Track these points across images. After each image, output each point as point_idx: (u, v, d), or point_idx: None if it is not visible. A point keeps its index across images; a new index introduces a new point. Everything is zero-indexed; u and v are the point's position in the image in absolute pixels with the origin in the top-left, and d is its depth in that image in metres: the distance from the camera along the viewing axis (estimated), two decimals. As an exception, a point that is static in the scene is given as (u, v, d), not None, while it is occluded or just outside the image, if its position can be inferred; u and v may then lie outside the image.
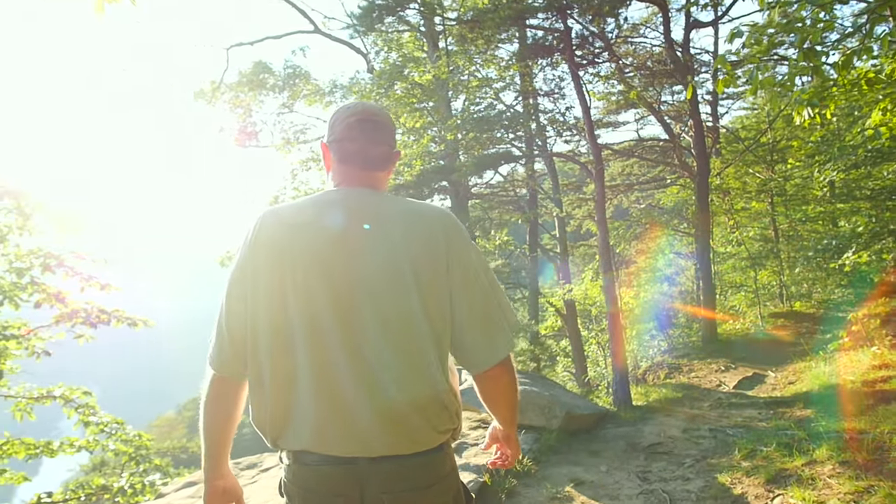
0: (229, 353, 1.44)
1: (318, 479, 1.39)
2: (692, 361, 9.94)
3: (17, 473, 7.06)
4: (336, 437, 1.36)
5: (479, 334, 1.44)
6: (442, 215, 1.46)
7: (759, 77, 3.24)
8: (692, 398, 7.27)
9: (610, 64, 10.07)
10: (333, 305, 1.35)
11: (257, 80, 12.18)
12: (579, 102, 6.74)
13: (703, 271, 11.57)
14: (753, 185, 15.32)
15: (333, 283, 1.36)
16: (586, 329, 15.32)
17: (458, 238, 1.44)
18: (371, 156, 1.51)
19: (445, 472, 1.46)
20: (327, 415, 1.36)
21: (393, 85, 9.78)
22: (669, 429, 5.84)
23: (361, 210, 1.42)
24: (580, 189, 18.31)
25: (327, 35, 12.54)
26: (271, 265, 1.39)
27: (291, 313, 1.37)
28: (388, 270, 1.36)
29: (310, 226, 1.41)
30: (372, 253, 1.37)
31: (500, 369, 1.47)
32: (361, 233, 1.39)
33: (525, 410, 5.66)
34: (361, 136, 1.49)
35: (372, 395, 1.35)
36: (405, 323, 1.36)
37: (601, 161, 6.70)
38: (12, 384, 6.86)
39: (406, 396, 1.36)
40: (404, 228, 1.40)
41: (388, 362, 1.36)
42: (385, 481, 1.37)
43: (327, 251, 1.38)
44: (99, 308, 6.87)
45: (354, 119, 1.50)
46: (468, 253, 1.45)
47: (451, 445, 1.52)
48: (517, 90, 12.31)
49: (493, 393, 1.54)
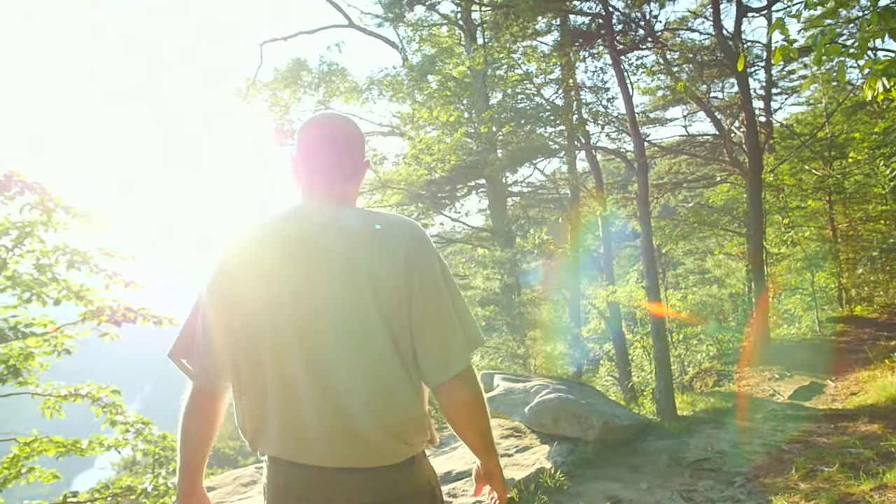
0: (208, 365, 1.47)
1: (286, 482, 1.42)
2: (743, 368, 9.36)
3: (46, 471, 7.01)
4: (299, 449, 1.39)
5: (432, 345, 1.40)
6: (403, 225, 1.45)
7: (823, 47, 2.80)
8: (743, 409, 6.74)
9: (655, 54, 9.57)
10: (296, 321, 1.37)
11: (293, 77, 12.05)
12: (621, 91, 6.31)
13: (756, 273, 10.93)
14: (809, 182, 14.54)
15: (296, 298, 1.38)
16: (630, 332, 14.80)
17: (417, 247, 1.41)
18: (336, 169, 1.50)
19: (420, 483, 1.46)
20: (290, 427, 1.39)
21: (426, 78, 9.48)
22: (718, 442, 5.37)
23: (324, 224, 1.43)
24: (625, 188, 17.78)
25: (361, 29, 12.31)
26: (242, 278, 1.42)
27: (259, 326, 1.40)
28: (346, 285, 1.36)
29: (275, 240, 1.43)
30: (332, 267, 1.38)
31: (455, 383, 1.41)
32: (323, 247, 1.39)
33: (559, 420, 5.29)
34: (327, 150, 1.50)
35: (334, 414, 1.36)
36: (366, 337, 1.36)
37: (644, 154, 6.25)
38: (40, 382, 6.82)
39: (373, 421, 1.36)
40: (365, 241, 1.39)
41: (351, 382, 1.36)
42: (355, 492, 1.38)
43: (290, 265, 1.39)
44: (125, 306, 6.80)
45: (321, 133, 1.51)
46: (428, 262, 1.42)
47: (426, 454, 1.52)
48: (557, 84, 11.89)
49: (452, 412, 1.45)
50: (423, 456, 1.50)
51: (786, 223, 14.98)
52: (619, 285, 13.60)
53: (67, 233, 6.45)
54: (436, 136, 10.07)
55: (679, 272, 23.51)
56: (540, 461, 4.99)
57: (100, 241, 6.73)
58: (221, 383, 1.48)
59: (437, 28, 12.38)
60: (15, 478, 6.65)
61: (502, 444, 5.77)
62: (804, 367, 8.71)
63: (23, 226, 6.03)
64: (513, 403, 5.77)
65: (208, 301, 1.46)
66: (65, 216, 6.11)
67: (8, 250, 6.10)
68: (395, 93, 10.29)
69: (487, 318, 9.88)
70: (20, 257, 6.24)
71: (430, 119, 9.76)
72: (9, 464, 6.62)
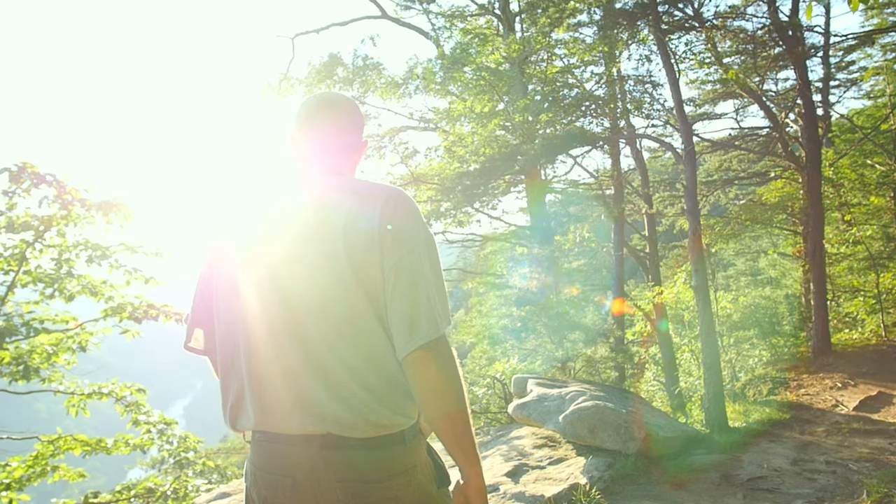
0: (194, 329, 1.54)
1: (268, 458, 1.39)
2: (801, 375, 8.67)
3: (72, 469, 6.94)
4: (275, 417, 1.37)
5: (400, 309, 1.34)
6: (385, 192, 1.42)
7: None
8: (802, 420, 6.15)
9: (703, 40, 8.97)
10: (268, 281, 1.38)
11: (327, 72, 11.81)
12: (667, 74, 5.81)
13: (815, 273, 10.18)
14: (872, 177, 13.62)
15: (270, 260, 1.39)
16: (678, 335, 14.15)
17: (393, 208, 1.38)
18: (327, 143, 1.53)
19: (408, 465, 1.37)
20: (266, 394, 1.37)
21: (460, 67, 9.07)
22: (774, 458, 4.84)
23: (309, 194, 1.43)
24: (673, 186, 17.11)
25: (395, 20, 12.01)
26: (224, 248, 1.48)
27: (233, 291, 1.43)
28: (319, 245, 1.36)
29: (260, 212, 1.46)
30: (306, 229, 1.38)
31: (422, 355, 1.32)
32: (301, 212, 1.40)
33: (596, 430, 4.83)
34: (321, 128, 1.53)
35: (310, 374, 1.34)
36: (340, 296, 1.34)
37: (692, 142, 5.73)
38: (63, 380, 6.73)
39: (352, 380, 1.33)
40: (343, 204, 1.39)
41: (327, 341, 1.34)
42: (339, 469, 1.32)
43: (269, 233, 1.42)
44: (148, 303, 6.68)
45: (315, 111, 1.54)
46: (405, 224, 1.38)
47: (420, 438, 1.43)
48: (600, 77, 11.36)
49: (418, 391, 1.34)
50: (418, 434, 1.43)
51: (847, 219, 14.09)
52: (666, 286, 13.02)
53: (89, 228, 6.36)
54: (470, 127, 9.67)
55: (730, 273, 22.75)
56: (574, 476, 4.55)
57: (124, 237, 6.64)
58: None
59: (475, 19, 11.99)
60: (39, 476, 6.58)
61: (534, 454, 5.36)
62: (870, 375, 7.99)
63: (41, 220, 5.93)
64: (546, 411, 5.34)
65: (199, 276, 1.54)
66: (83, 210, 5.97)
67: (28, 244, 6.00)
68: (428, 83, 9.91)
69: (523, 318, 9.43)
70: (40, 252, 6.14)
71: (465, 111, 9.36)
72: (32, 462, 6.54)
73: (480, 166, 8.47)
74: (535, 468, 4.90)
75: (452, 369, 1.34)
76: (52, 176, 5.38)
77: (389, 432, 1.34)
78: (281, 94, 11.73)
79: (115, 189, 5.97)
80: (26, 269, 6.04)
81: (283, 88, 11.72)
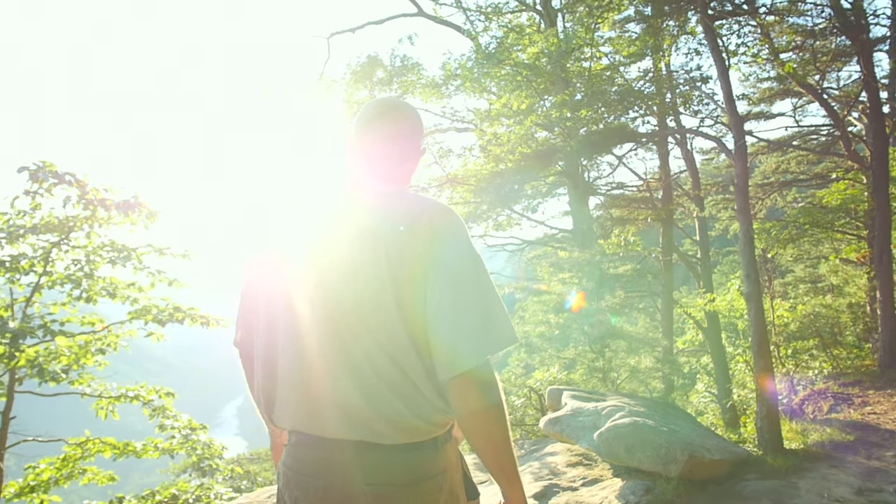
0: (240, 323, 1.58)
1: (301, 460, 1.40)
2: (867, 392, 7.98)
3: (102, 472, 6.90)
4: (312, 419, 1.38)
5: (442, 336, 1.29)
6: (431, 207, 1.38)
7: None
8: (869, 443, 5.56)
9: (756, 31, 8.40)
10: (311, 289, 1.38)
11: (366, 73, 11.65)
12: (715, 62, 5.32)
13: (881, 280, 9.44)
14: (946, 178, 12.69)
15: (313, 268, 1.39)
16: (732, 345, 13.47)
17: (440, 231, 1.34)
18: (381, 149, 1.50)
19: (437, 470, 1.37)
20: (302, 397, 1.39)
21: (496, 62, 8.72)
22: (836, 487, 4.33)
23: (357, 204, 1.41)
24: (726, 189, 16.40)
25: (431, 17, 11.74)
26: (274, 254, 1.47)
27: (277, 296, 1.44)
28: (363, 259, 1.33)
29: (306, 218, 1.45)
30: (352, 242, 1.36)
31: (463, 382, 1.28)
32: (349, 223, 1.39)
33: (634, 450, 4.42)
34: (375, 130, 1.50)
35: (353, 380, 1.33)
36: (380, 312, 1.32)
37: (743, 135, 5.24)
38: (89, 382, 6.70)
39: (388, 386, 1.32)
40: (390, 221, 1.35)
41: (368, 351, 1.33)
42: (368, 472, 1.32)
43: (314, 241, 1.41)
44: (174, 305, 6.59)
45: (371, 114, 1.52)
46: (451, 247, 1.34)
47: (452, 444, 1.44)
48: (645, 70, 10.85)
49: (460, 417, 1.32)
50: (451, 440, 1.44)
51: (918, 223, 13.15)
52: (718, 293, 12.39)
53: (114, 229, 6.31)
54: (507, 127, 9.30)
55: (788, 280, 21.81)
56: (609, 500, 4.16)
57: (149, 238, 6.60)
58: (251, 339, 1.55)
59: (515, 15, 11.63)
60: (68, 479, 6.57)
61: (567, 473, 4.98)
62: (945, 392, 7.29)
63: (66, 221, 5.88)
64: (580, 427, 4.94)
65: (245, 272, 1.56)
66: (106, 212, 5.90)
67: (54, 245, 5.95)
68: (464, 80, 9.59)
69: (561, 325, 8.97)
70: (65, 253, 6.10)
71: (502, 108, 9.01)
72: (60, 464, 6.53)
73: (515, 165, 8.10)
74: (567, 489, 4.53)
75: (496, 395, 1.32)
76: (71, 175, 5.29)
77: (422, 439, 1.35)
78: (317, 95, 11.59)
79: (134, 189, 5.85)
80: (52, 269, 6.01)
81: (325, 90, 11.58)
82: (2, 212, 5.56)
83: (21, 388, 5.85)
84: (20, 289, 6.06)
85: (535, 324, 9.57)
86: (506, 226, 11.84)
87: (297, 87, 11.68)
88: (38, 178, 5.08)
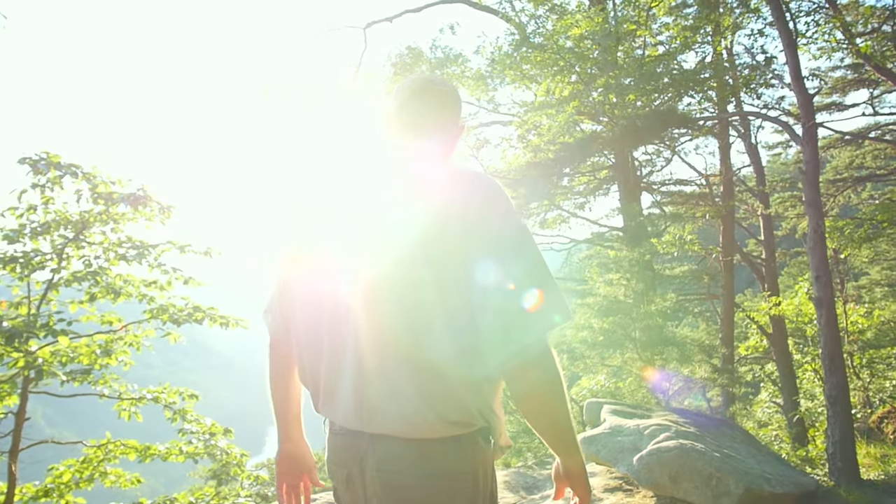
0: (277, 315, 1.54)
1: (333, 448, 1.46)
2: (957, 410, 7.07)
3: (129, 474, 6.77)
4: (338, 411, 1.40)
5: (493, 320, 1.27)
6: (474, 182, 1.36)
7: None
8: (964, 474, 4.77)
9: (826, 8, 7.59)
10: (351, 277, 1.36)
11: (406, 66, 11.27)
12: (780, 34, 4.66)
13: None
14: None
15: (354, 254, 1.38)
16: (800, 352, 12.52)
17: (478, 204, 1.32)
18: (420, 126, 1.47)
19: (454, 469, 1.32)
20: (335, 388, 1.40)
21: (536, 45, 8.18)
22: (927, 531, 3.63)
23: (397, 184, 1.41)
24: (794, 186, 15.41)
25: (471, 4, 11.24)
26: (307, 237, 1.48)
27: (319, 285, 1.43)
28: (402, 243, 1.32)
29: (343, 200, 1.44)
30: (391, 225, 1.35)
31: (522, 365, 1.30)
32: (391, 208, 1.37)
33: (679, 479, 3.83)
34: (413, 107, 1.48)
35: (382, 375, 1.33)
36: (415, 304, 1.30)
37: (812, 116, 4.57)
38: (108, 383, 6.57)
39: (415, 386, 1.31)
40: (432, 200, 1.33)
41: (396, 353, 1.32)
42: (381, 459, 1.33)
43: (354, 224, 1.40)
44: (194, 305, 6.39)
45: (409, 90, 1.49)
46: (496, 224, 1.31)
47: (480, 449, 1.36)
48: (704, 54, 10.05)
49: (520, 398, 1.34)
50: (477, 442, 1.35)
51: None
52: (785, 296, 11.51)
53: (129, 225, 6.13)
54: (549, 115, 8.74)
55: (862, 283, 20.57)
56: (647, 537, 3.59)
57: (168, 234, 6.42)
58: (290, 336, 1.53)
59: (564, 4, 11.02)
60: (89, 482, 6.47)
61: (604, 500, 4.42)
62: None
63: (80, 216, 5.71)
64: (618, 448, 4.36)
65: (281, 256, 1.54)
66: (120, 207, 5.71)
67: (68, 241, 5.79)
68: (503, 66, 9.06)
69: (606, 331, 8.35)
70: (79, 249, 5.94)
71: (543, 94, 8.45)
72: (80, 466, 6.42)
73: (555, 155, 7.53)
74: (601, 520, 3.97)
75: (555, 373, 1.32)
76: (76, 167, 5.05)
77: (445, 435, 1.31)
78: (356, 88, 11.28)
79: (145, 183, 5.62)
80: (66, 268, 5.86)
81: (359, 82, 11.26)
82: (12, 206, 5.43)
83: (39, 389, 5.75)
84: (38, 286, 5.95)
85: (577, 328, 8.99)
86: (553, 224, 11.26)
87: (333, 80, 11.43)
88: (40, 168, 4.85)
